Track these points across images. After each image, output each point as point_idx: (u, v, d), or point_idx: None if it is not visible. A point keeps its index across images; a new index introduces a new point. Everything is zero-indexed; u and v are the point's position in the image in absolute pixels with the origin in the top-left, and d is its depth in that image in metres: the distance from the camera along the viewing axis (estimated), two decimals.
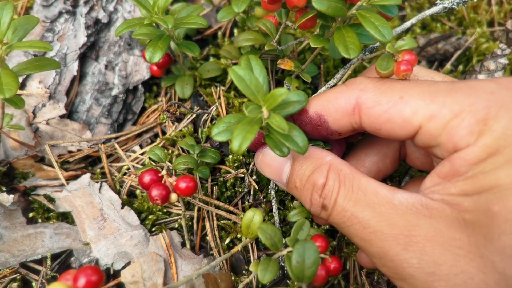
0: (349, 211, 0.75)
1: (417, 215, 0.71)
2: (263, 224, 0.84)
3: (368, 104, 0.79)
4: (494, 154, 0.66)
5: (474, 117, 0.68)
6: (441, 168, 0.73)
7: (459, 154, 0.70)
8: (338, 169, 0.80)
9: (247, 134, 0.70)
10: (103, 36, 1.35)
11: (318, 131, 0.88)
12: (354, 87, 0.83)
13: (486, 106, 0.68)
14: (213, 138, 0.76)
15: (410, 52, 0.84)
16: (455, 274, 0.66)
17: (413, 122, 0.74)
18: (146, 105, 1.36)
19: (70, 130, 1.27)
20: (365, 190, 0.76)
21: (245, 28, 1.40)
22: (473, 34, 1.40)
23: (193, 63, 1.35)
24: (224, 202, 1.15)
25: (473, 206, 0.67)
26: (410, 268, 0.69)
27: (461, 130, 0.69)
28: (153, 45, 1.00)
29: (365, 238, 0.74)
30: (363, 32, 1.00)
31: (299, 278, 0.75)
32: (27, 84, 1.25)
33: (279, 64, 1.13)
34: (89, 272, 0.64)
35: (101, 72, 1.32)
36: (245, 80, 0.74)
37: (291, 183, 0.87)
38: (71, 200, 1.15)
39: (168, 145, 1.26)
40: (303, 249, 0.76)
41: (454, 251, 0.66)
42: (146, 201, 1.18)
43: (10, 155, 1.21)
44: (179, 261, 1.07)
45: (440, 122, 0.72)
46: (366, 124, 0.81)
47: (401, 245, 0.69)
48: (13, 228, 1.10)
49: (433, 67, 1.41)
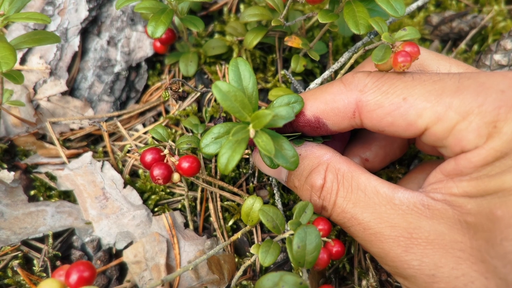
0: (349, 212, 0.74)
1: (418, 216, 0.69)
2: (265, 206, 0.81)
3: (369, 107, 0.74)
4: (502, 158, 0.63)
5: (483, 120, 0.64)
6: (446, 165, 0.71)
7: (466, 155, 0.66)
8: (336, 168, 0.78)
9: (234, 154, 0.67)
10: (105, 11, 1.31)
11: (317, 132, 0.83)
12: (352, 87, 0.77)
13: (496, 107, 0.64)
14: (201, 151, 0.73)
15: (412, 44, 0.77)
16: (456, 277, 0.65)
17: (418, 125, 0.70)
18: (149, 83, 1.33)
19: (71, 108, 1.24)
20: (364, 189, 0.74)
21: (251, 4, 1.35)
22: (490, 12, 1.34)
23: (198, 40, 1.31)
24: (228, 183, 1.12)
25: (476, 208, 0.65)
26: (411, 269, 0.68)
27: (469, 134, 0.65)
28: (156, 19, 0.96)
29: (366, 239, 0.74)
30: (374, 8, 0.95)
31: (300, 263, 0.73)
32: (27, 60, 1.22)
33: (286, 41, 1.09)
34: (81, 268, 0.62)
35: (103, 48, 1.28)
36: (230, 98, 0.69)
37: (290, 183, 0.86)
38: (73, 178, 1.14)
39: (171, 124, 1.24)
40: (304, 234, 0.74)
41: (456, 253, 0.65)
42: (149, 181, 1.16)
43: (11, 132, 1.19)
44: (182, 241, 1.05)
45: (446, 125, 0.67)
46: (368, 126, 0.77)
47: (402, 247, 0.69)
48: (14, 205, 1.09)
49: (446, 46, 1.35)
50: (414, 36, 0.78)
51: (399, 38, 0.79)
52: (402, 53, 0.75)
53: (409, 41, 0.78)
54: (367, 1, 0.93)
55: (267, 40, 1.23)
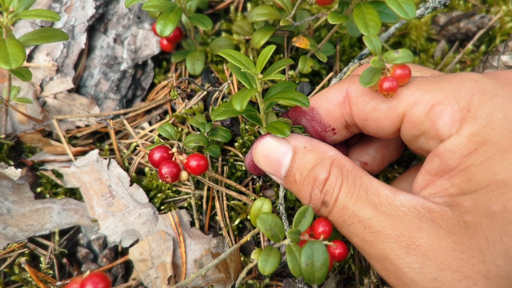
0: (350, 208, 0.73)
1: (420, 217, 0.69)
2: (263, 214, 0.80)
3: (357, 93, 0.80)
4: (483, 144, 0.64)
5: (458, 104, 0.66)
6: (431, 164, 0.71)
7: (446, 146, 0.67)
8: (341, 164, 0.78)
9: (245, 95, 0.75)
10: (111, 8, 1.31)
11: (312, 125, 0.88)
12: (345, 81, 0.85)
13: (469, 93, 0.66)
14: (213, 119, 0.77)
15: (404, 66, 0.74)
16: (458, 280, 0.64)
17: (397, 109, 0.73)
18: (155, 81, 1.33)
19: (78, 105, 1.24)
20: (366, 188, 0.74)
21: (258, 2, 1.34)
22: (498, 13, 1.33)
23: (205, 38, 1.31)
24: (235, 182, 1.12)
25: (473, 205, 0.64)
26: (412, 273, 0.67)
27: (444, 117, 0.67)
28: (164, 18, 0.96)
29: (366, 238, 0.72)
30: (384, 10, 0.95)
31: (310, 280, 0.73)
32: (34, 57, 1.22)
33: (294, 42, 1.09)
34: (96, 280, 0.62)
35: (110, 46, 1.28)
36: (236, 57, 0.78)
37: (290, 177, 0.84)
38: (79, 176, 1.14)
39: (177, 122, 1.24)
40: (311, 250, 0.74)
41: (457, 255, 0.64)
42: (155, 179, 1.16)
43: (17, 129, 1.19)
44: (188, 240, 1.05)
45: (422, 108, 0.70)
46: (355, 114, 0.81)
47: (403, 247, 0.67)
48: (21, 202, 1.09)
49: (453, 47, 1.35)
50: (407, 60, 0.74)
51: (391, 61, 0.75)
52: (389, 79, 0.73)
53: (400, 64, 0.75)
54: (377, 3, 0.92)
55: (275, 39, 1.22)
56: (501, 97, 0.66)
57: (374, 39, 0.78)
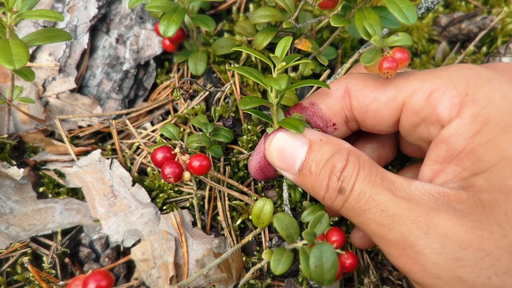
0: (367, 193, 0.73)
1: (435, 201, 0.69)
2: (280, 214, 0.80)
3: (356, 87, 0.84)
4: (486, 124, 0.67)
5: (456, 89, 0.71)
6: (437, 152, 0.73)
7: (450, 130, 0.70)
8: (358, 154, 0.80)
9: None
10: (114, 9, 1.31)
11: (314, 120, 0.91)
12: (344, 77, 0.89)
13: (466, 79, 0.71)
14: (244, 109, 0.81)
15: (403, 50, 0.78)
16: (482, 258, 0.63)
17: (397, 98, 0.78)
18: (157, 81, 1.33)
19: (80, 105, 1.24)
20: (382, 176, 0.75)
21: (260, 3, 1.35)
22: (500, 14, 1.33)
23: (207, 39, 1.31)
24: (237, 182, 1.12)
25: (487, 184, 0.65)
26: (433, 254, 0.65)
27: (444, 101, 0.71)
28: (167, 18, 0.96)
29: (383, 222, 0.71)
30: (386, 16, 0.96)
31: (320, 282, 0.73)
32: (36, 57, 1.22)
33: (296, 44, 1.09)
34: (99, 278, 0.62)
35: (112, 46, 1.28)
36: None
37: (306, 169, 0.84)
38: (82, 176, 1.14)
39: (180, 122, 1.24)
40: (320, 252, 0.73)
41: (477, 233, 0.64)
42: (157, 179, 1.17)
43: (20, 128, 1.19)
44: (190, 240, 1.06)
45: (422, 95, 0.74)
46: (355, 107, 0.84)
47: (422, 228, 0.66)
48: (23, 202, 1.09)
49: (455, 48, 1.35)
50: (406, 43, 0.78)
51: (391, 43, 0.79)
52: (389, 59, 0.76)
53: (400, 47, 0.79)
54: (379, 9, 0.93)
55: (277, 40, 1.22)
56: (496, 80, 0.70)
57: (374, 25, 0.80)
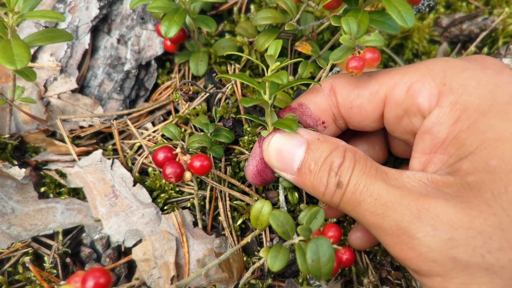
0: (361, 183, 0.77)
1: (426, 187, 0.73)
2: (276, 211, 0.81)
3: (341, 85, 0.89)
4: (465, 110, 0.70)
5: (434, 80, 0.75)
6: (423, 143, 0.77)
7: (432, 120, 0.74)
8: (354, 150, 0.83)
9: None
10: (115, 9, 1.31)
11: (304, 119, 0.93)
12: (330, 77, 0.94)
13: (442, 70, 0.76)
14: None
15: (374, 50, 0.79)
16: (473, 237, 0.64)
17: (379, 92, 0.82)
18: (159, 82, 1.33)
19: (81, 105, 1.24)
20: (376, 168, 0.79)
21: (262, 4, 1.35)
22: (501, 14, 1.34)
23: (208, 39, 1.31)
24: (238, 181, 1.13)
25: (472, 166, 0.68)
26: (426, 237, 0.67)
27: (423, 92, 0.75)
28: (169, 19, 0.97)
29: (378, 211, 0.73)
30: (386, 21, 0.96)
31: (317, 276, 0.73)
32: (38, 57, 1.23)
33: (296, 46, 1.10)
34: (97, 274, 0.62)
35: (113, 46, 1.28)
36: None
37: (305, 168, 0.86)
38: (83, 176, 1.14)
39: (181, 123, 1.24)
40: (316, 246, 0.74)
41: (467, 213, 0.66)
42: (158, 179, 1.17)
43: (21, 128, 1.20)
44: (191, 240, 1.06)
45: (402, 88, 0.79)
46: (340, 104, 0.89)
47: (414, 213, 0.69)
48: (25, 202, 1.09)
49: (456, 49, 1.35)
50: (377, 44, 0.79)
51: (362, 43, 0.79)
52: (356, 58, 0.78)
53: (371, 48, 0.80)
54: (379, 13, 0.94)
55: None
56: (470, 69, 0.75)
57: (351, 22, 0.80)
